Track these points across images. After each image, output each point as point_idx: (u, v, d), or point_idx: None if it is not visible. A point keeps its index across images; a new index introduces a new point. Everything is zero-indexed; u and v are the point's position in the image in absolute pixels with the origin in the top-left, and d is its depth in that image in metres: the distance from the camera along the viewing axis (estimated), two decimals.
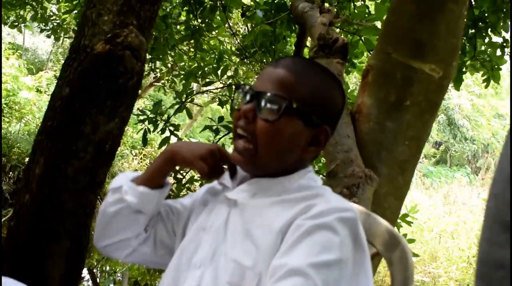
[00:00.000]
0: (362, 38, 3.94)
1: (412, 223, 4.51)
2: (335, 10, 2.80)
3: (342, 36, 2.38)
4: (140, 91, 3.52)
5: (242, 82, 5.57)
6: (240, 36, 5.87)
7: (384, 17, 3.56)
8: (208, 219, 1.29)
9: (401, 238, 1.47)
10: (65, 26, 7.34)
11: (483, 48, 4.34)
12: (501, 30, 4.15)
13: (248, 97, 1.22)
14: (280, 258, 1.08)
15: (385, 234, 1.47)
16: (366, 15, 3.99)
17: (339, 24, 3.65)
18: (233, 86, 5.23)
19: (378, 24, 3.87)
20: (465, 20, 2.32)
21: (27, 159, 7.69)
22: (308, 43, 4.41)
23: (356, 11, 4.20)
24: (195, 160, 1.27)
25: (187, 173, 4.51)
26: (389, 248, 1.45)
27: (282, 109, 1.17)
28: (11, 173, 7.96)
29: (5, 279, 1.17)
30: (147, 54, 2.74)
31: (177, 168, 4.75)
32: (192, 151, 1.29)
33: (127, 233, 1.33)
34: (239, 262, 1.15)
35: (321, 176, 3.17)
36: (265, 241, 1.15)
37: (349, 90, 4.60)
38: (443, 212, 12.42)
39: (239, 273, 1.14)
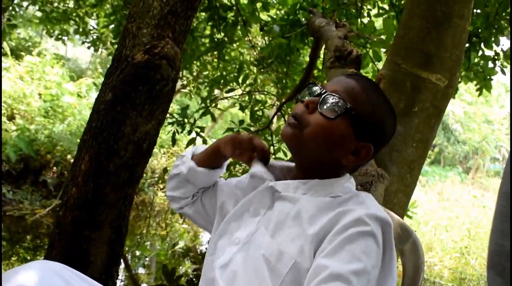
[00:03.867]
0: (370, 50, 3.91)
1: (412, 217, 4.49)
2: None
3: (356, 49, 2.36)
4: None
5: (256, 94, 5.58)
6: (259, 48, 5.85)
7: (392, 31, 3.57)
8: (253, 202, 1.27)
9: (412, 231, 1.46)
10: (103, 38, 7.39)
11: (476, 60, 4.31)
12: (493, 44, 4.12)
13: (316, 92, 1.21)
14: (323, 258, 1.05)
15: (398, 227, 1.45)
16: (373, 31, 3.97)
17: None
18: (252, 96, 5.26)
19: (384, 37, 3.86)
20: None
21: (68, 156, 7.81)
22: (321, 55, 4.40)
23: (365, 26, 4.18)
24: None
25: None
26: (401, 240, 1.44)
27: (341, 112, 1.16)
28: (54, 168, 7.99)
29: (53, 264, 1.16)
30: None
31: None
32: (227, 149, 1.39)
33: (177, 193, 1.45)
34: (278, 242, 1.13)
35: None
36: (305, 234, 1.12)
37: None
38: (438, 207, 12.34)
39: (276, 251, 1.12)
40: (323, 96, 1.18)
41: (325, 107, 1.17)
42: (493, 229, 0.95)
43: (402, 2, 3.92)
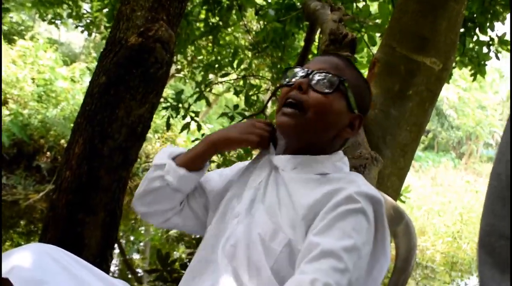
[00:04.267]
0: (365, 34, 3.91)
1: (405, 202, 4.52)
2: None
3: (351, 32, 2.35)
4: None
5: (251, 79, 5.56)
6: (254, 32, 5.83)
7: (387, 15, 3.56)
8: (250, 177, 1.30)
9: (405, 213, 1.47)
10: (97, 23, 7.33)
11: (471, 46, 4.31)
12: (488, 29, 4.13)
13: (302, 73, 1.22)
14: (315, 236, 1.07)
15: (390, 209, 1.46)
16: (369, 14, 3.96)
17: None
18: (247, 80, 5.25)
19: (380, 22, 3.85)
20: None
21: (62, 141, 7.80)
22: (316, 39, 4.39)
23: (360, 10, 4.17)
24: (244, 136, 1.28)
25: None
26: (395, 222, 1.45)
27: (335, 85, 1.19)
28: (48, 152, 7.99)
29: (47, 246, 1.16)
30: None
31: None
32: (237, 131, 1.31)
33: (164, 206, 1.34)
34: (273, 221, 1.15)
35: None
36: (297, 212, 1.14)
37: None
38: (431, 192, 12.41)
39: (271, 230, 1.14)
40: (313, 74, 1.20)
41: (319, 84, 1.19)
42: (484, 209, 0.96)
43: None
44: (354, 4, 4.33)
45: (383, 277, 1.19)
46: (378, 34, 3.88)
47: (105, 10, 5.66)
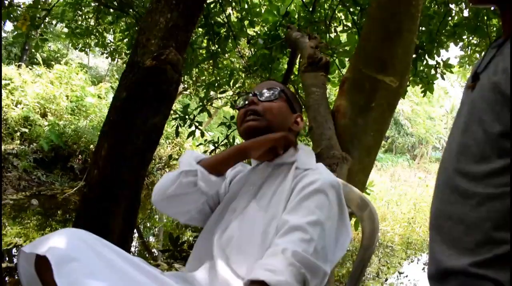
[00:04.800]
0: (337, 59, 3.92)
1: (369, 194, 4.52)
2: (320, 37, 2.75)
3: (325, 56, 2.35)
4: None
5: (245, 91, 5.57)
6: (246, 57, 5.83)
7: (354, 43, 3.56)
8: (250, 182, 1.32)
9: (369, 201, 1.47)
10: (119, 50, 7.31)
11: (421, 68, 4.33)
12: (435, 55, 4.15)
13: (251, 94, 1.32)
14: (285, 215, 1.09)
15: (358, 198, 1.47)
16: (340, 42, 3.97)
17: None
18: (240, 94, 5.24)
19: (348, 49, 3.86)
20: None
21: (91, 146, 7.76)
22: (297, 63, 4.39)
23: (332, 39, 4.18)
24: (270, 136, 1.25)
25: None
26: (361, 208, 1.45)
27: (277, 94, 1.30)
28: (80, 156, 7.94)
29: (79, 230, 1.15)
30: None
31: (200, 152, 4.79)
32: (261, 138, 1.24)
33: (191, 206, 1.27)
34: (269, 217, 1.15)
35: None
36: (280, 200, 1.16)
37: (329, 97, 4.58)
38: (390, 186, 12.41)
39: (266, 221, 1.15)
40: (259, 92, 1.31)
41: (266, 96, 1.30)
42: (434, 197, 0.96)
43: (363, 20, 3.92)
44: (328, 35, 4.35)
45: (347, 246, 1.19)
46: (347, 59, 3.89)
47: (126, 40, 5.65)
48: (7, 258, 3.83)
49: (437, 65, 4.31)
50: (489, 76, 0.85)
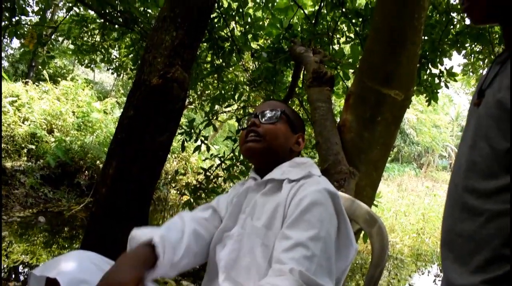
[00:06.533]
0: (341, 71, 3.93)
1: (377, 205, 4.50)
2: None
3: (330, 71, 2.36)
4: None
5: (250, 108, 5.59)
6: (250, 71, 5.86)
7: (358, 55, 3.58)
8: (244, 202, 1.31)
9: (377, 217, 1.46)
10: (124, 66, 7.38)
11: (425, 77, 4.34)
12: (438, 64, 4.16)
13: (253, 116, 1.35)
14: (286, 229, 1.10)
15: (366, 214, 1.46)
16: (343, 55, 3.98)
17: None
18: (245, 115, 5.23)
19: (352, 61, 3.88)
20: None
21: (98, 162, 7.78)
22: (301, 75, 4.41)
23: (335, 52, 4.20)
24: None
25: (214, 170, 4.50)
26: (369, 225, 1.44)
27: (279, 116, 1.32)
28: (86, 172, 7.96)
29: (88, 252, 1.16)
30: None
31: (206, 166, 4.82)
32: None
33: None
34: (266, 229, 1.17)
35: None
36: (276, 212, 1.18)
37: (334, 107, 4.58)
38: (398, 196, 12.35)
39: (263, 234, 1.16)
40: (261, 114, 1.33)
41: (267, 118, 1.32)
42: (444, 213, 0.96)
43: (365, 31, 3.94)
44: (331, 46, 4.37)
45: (352, 257, 1.20)
46: (351, 71, 3.91)
47: (131, 56, 5.70)
48: (13, 276, 3.83)
49: (440, 74, 4.31)
50: (494, 93, 0.86)
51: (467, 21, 4.59)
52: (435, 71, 4.29)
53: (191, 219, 1.32)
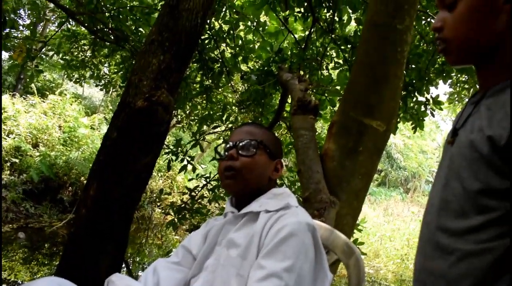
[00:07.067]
0: (328, 97, 3.98)
1: (362, 230, 4.51)
2: (309, 79, 2.81)
3: (314, 99, 2.39)
4: None
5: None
6: (239, 92, 5.90)
7: (344, 82, 3.63)
8: (220, 234, 1.30)
9: (355, 248, 1.46)
10: (113, 82, 7.38)
11: (411, 105, 4.41)
12: (425, 92, 4.23)
13: (230, 146, 1.32)
14: (261, 259, 1.10)
15: (344, 245, 1.46)
16: (330, 81, 4.04)
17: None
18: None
19: (338, 87, 3.94)
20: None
21: (82, 178, 7.71)
22: (288, 99, 4.45)
23: (323, 77, 4.25)
24: None
25: (199, 190, 4.48)
26: (347, 255, 1.44)
27: (256, 147, 1.31)
28: (70, 187, 7.88)
29: (59, 279, 1.15)
30: None
31: (192, 186, 4.79)
32: None
33: None
34: (241, 259, 1.17)
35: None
36: (252, 242, 1.17)
37: (321, 132, 4.61)
38: (383, 221, 12.36)
39: (238, 264, 1.16)
40: (238, 145, 1.31)
41: (244, 150, 1.30)
42: (417, 251, 0.97)
43: (354, 58, 4.01)
44: (320, 71, 4.42)
45: None
46: (338, 98, 3.96)
47: (120, 73, 5.72)
48: None
49: (427, 102, 4.39)
50: (466, 133, 0.88)
51: None
52: (421, 99, 4.36)
53: (164, 267, 1.32)
